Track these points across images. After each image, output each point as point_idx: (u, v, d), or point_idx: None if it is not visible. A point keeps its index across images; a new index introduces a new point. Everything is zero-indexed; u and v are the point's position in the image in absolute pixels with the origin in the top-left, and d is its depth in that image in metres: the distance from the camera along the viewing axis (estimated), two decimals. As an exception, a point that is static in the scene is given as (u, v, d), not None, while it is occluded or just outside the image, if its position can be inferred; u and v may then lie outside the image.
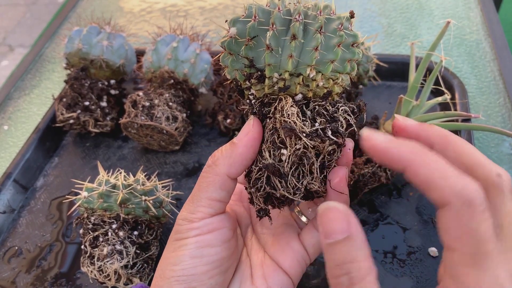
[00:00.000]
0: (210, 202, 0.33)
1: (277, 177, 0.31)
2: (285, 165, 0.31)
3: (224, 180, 0.33)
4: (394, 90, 0.64)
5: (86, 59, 0.60)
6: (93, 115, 0.60)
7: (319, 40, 0.30)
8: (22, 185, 0.57)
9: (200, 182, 0.34)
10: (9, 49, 2.22)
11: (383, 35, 0.75)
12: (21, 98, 0.72)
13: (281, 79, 0.31)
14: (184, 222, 0.34)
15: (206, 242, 0.33)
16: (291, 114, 0.31)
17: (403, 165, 0.27)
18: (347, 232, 0.27)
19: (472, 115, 0.48)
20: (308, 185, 0.31)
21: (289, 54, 0.30)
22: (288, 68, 0.31)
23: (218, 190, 0.33)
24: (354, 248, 0.27)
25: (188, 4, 0.89)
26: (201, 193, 0.34)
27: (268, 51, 0.30)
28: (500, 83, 0.64)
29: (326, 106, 0.32)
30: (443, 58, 0.44)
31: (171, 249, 0.34)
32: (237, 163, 0.32)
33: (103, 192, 0.44)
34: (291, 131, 0.30)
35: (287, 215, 0.40)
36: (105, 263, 0.42)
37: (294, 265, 0.37)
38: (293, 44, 0.30)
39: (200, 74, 0.60)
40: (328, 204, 0.28)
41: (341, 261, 0.27)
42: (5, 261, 0.51)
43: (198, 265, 0.33)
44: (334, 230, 0.27)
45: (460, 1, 0.80)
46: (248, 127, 0.32)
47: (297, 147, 0.31)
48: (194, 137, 0.62)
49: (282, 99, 0.32)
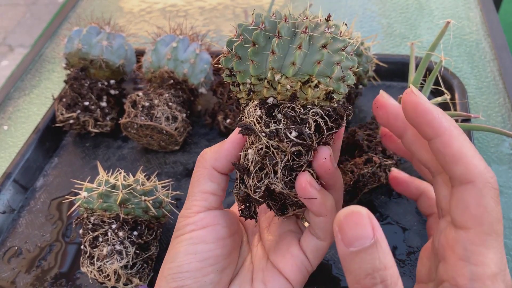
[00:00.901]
0: (203, 195, 0.35)
1: (245, 176, 0.33)
2: (250, 164, 0.32)
3: (212, 172, 0.35)
4: (394, 90, 0.64)
5: (85, 59, 0.60)
6: (93, 115, 0.60)
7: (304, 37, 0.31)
8: (22, 185, 0.57)
9: (192, 178, 0.36)
10: (9, 49, 2.22)
11: (383, 35, 0.75)
12: (21, 98, 0.72)
13: (250, 84, 0.33)
14: (182, 219, 0.35)
15: (201, 238, 0.34)
16: (253, 116, 0.32)
17: (439, 131, 0.27)
18: (373, 237, 0.25)
19: (472, 115, 0.48)
20: (270, 185, 0.31)
21: (250, 60, 0.32)
22: (253, 73, 0.32)
23: (208, 182, 0.35)
24: (383, 254, 0.25)
25: (187, 4, 0.89)
26: (194, 188, 0.35)
27: (236, 59, 0.33)
28: (500, 83, 0.64)
29: (295, 108, 0.32)
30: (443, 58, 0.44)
31: (171, 247, 0.35)
32: (222, 157, 0.35)
33: (102, 192, 0.44)
34: (250, 131, 0.32)
35: (293, 222, 0.40)
36: (105, 263, 0.42)
37: (294, 270, 0.36)
38: (251, 50, 0.32)
39: (199, 74, 0.60)
40: (350, 208, 0.26)
41: (372, 269, 0.25)
42: (5, 261, 0.51)
43: (193, 261, 0.33)
44: (358, 237, 0.25)
45: (460, 1, 0.79)
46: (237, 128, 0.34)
47: (259, 147, 0.32)
48: (194, 137, 0.62)
49: (249, 103, 0.34)
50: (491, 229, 0.26)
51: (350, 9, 0.82)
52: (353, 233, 0.25)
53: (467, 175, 0.27)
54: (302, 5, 0.85)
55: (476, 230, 0.26)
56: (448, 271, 0.27)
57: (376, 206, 0.51)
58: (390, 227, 0.49)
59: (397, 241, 0.47)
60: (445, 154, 0.27)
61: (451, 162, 0.27)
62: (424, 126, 0.28)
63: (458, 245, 0.27)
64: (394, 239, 0.48)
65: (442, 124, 0.28)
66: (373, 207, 0.50)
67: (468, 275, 0.26)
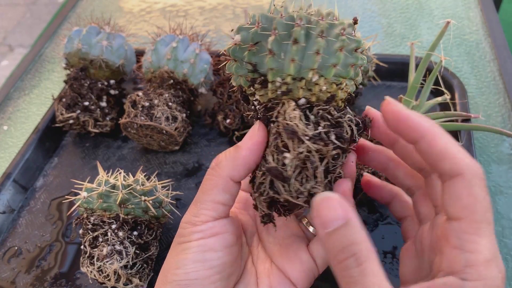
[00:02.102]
0: (214, 205, 0.33)
1: (280, 181, 0.31)
2: (288, 168, 0.31)
3: (227, 183, 0.33)
4: (394, 90, 0.64)
5: (85, 59, 0.60)
6: (92, 115, 0.60)
7: (320, 44, 0.30)
8: (22, 185, 0.57)
9: (203, 184, 0.34)
10: (9, 49, 2.22)
11: (383, 35, 0.75)
12: (20, 98, 0.72)
13: (283, 83, 0.31)
14: (188, 225, 0.33)
15: (209, 246, 0.33)
16: (294, 117, 0.31)
17: (421, 133, 0.29)
18: (345, 218, 0.28)
19: (472, 115, 0.48)
20: (312, 189, 0.31)
21: (291, 58, 0.30)
22: (291, 72, 0.31)
23: (222, 193, 0.33)
24: (355, 231, 0.28)
25: (187, 4, 0.89)
26: (204, 196, 0.33)
27: (270, 56, 0.31)
28: (500, 83, 0.64)
29: (330, 110, 0.32)
30: (442, 58, 0.44)
31: (174, 253, 0.34)
32: (240, 166, 0.32)
33: (102, 192, 0.44)
34: (293, 134, 0.30)
35: (295, 226, 0.39)
36: (105, 263, 0.42)
37: (302, 276, 0.36)
38: (295, 48, 0.30)
39: (199, 74, 0.60)
40: (321, 195, 0.29)
41: (345, 245, 0.28)
42: (5, 261, 0.51)
43: (201, 269, 0.32)
44: (331, 218, 0.28)
45: (460, 1, 0.79)
46: (253, 131, 0.32)
47: (300, 151, 0.30)
48: (194, 137, 0.62)
49: (285, 103, 0.32)
50: (483, 218, 0.28)
51: (350, 9, 0.82)
52: (327, 216, 0.28)
53: (456, 169, 0.28)
54: (302, 5, 0.84)
55: (468, 219, 0.28)
56: (444, 261, 0.29)
57: (376, 206, 0.51)
58: (390, 227, 0.49)
59: (397, 241, 0.47)
60: (432, 152, 0.29)
61: (439, 159, 0.29)
62: (408, 131, 0.30)
63: (452, 235, 0.28)
64: (394, 239, 0.48)
65: (423, 126, 0.29)
66: (373, 207, 0.50)
67: (463, 262, 0.27)
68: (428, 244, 0.32)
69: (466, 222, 0.28)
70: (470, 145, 0.51)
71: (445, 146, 0.29)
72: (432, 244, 0.32)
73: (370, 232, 0.48)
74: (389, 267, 0.45)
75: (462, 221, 0.28)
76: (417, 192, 0.36)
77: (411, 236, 0.36)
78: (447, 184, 0.29)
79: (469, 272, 0.27)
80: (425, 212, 0.34)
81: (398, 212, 0.39)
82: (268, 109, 0.33)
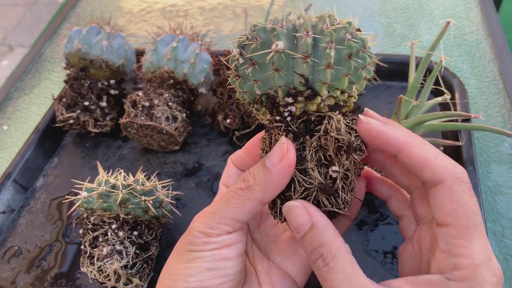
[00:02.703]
0: (234, 223, 0.33)
1: (325, 195, 0.31)
2: (338, 181, 0.31)
3: (256, 206, 0.32)
4: (394, 90, 0.64)
5: (85, 59, 0.60)
6: (92, 115, 0.60)
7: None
8: (22, 185, 0.57)
9: (228, 200, 0.32)
10: (9, 49, 2.22)
11: (383, 35, 0.75)
12: (20, 98, 0.72)
13: (331, 97, 0.31)
14: (201, 235, 0.33)
15: (224, 256, 0.33)
16: (345, 131, 0.31)
17: (398, 146, 0.30)
18: (309, 222, 0.30)
19: (472, 115, 0.48)
20: (349, 198, 0.33)
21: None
22: (342, 86, 0.31)
23: (246, 213, 0.32)
24: (321, 233, 0.30)
25: (187, 4, 0.89)
26: (226, 212, 0.32)
27: (329, 69, 0.30)
28: (500, 83, 0.64)
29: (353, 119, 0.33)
30: (443, 58, 0.44)
31: (183, 259, 0.33)
32: (272, 190, 0.31)
33: (102, 192, 0.44)
34: (349, 147, 0.31)
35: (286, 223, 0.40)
36: (105, 263, 0.42)
37: (301, 271, 0.37)
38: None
39: (199, 74, 0.60)
40: (287, 204, 0.31)
41: (313, 247, 0.30)
42: (5, 261, 0.51)
43: (215, 277, 0.32)
44: (300, 224, 0.30)
45: (460, 1, 0.79)
46: (282, 151, 0.31)
47: (345, 163, 0.31)
48: (194, 137, 0.62)
49: (333, 117, 0.31)
50: (468, 222, 0.28)
51: (350, 9, 0.82)
52: (295, 222, 0.31)
53: (436, 177, 0.29)
54: (302, 5, 0.85)
55: (454, 224, 0.28)
56: (434, 264, 0.29)
57: (376, 206, 0.51)
58: (390, 227, 0.49)
59: (397, 241, 0.47)
60: (411, 163, 0.30)
61: (419, 169, 0.30)
62: (385, 146, 0.31)
63: (441, 240, 0.29)
64: (394, 239, 0.48)
65: (398, 139, 0.30)
66: (373, 207, 0.50)
67: (450, 265, 0.28)
68: (426, 244, 0.32)
69: (452, 228, 0.28)
70: (470, 145, 0.51)
71: (423, 156, 0.29)
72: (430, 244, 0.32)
73: (370, 232, 0.48)
74: (389, 267, 0.45)
75: (449, 227, 0.29)
76: (414, 192, 0.36)
77: (408, 235, 0.36)
78: (430, 192, 0.30)
79: (455, 274, 0.28)
80: (423, 212, 0.34)
81: (396, 209, 0.39)
82: (308, 121, 0.32)
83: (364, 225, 0.49)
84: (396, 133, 0.30)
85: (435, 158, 0.29)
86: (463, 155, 0.50)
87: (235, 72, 0.32)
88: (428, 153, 0.29)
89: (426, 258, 0.32)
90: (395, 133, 0.30)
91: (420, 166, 0.29)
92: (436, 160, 0.29)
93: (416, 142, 0.30)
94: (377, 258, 0.46)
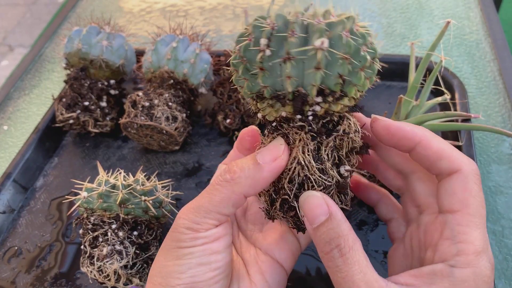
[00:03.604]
0: (219, 217, 0.33)
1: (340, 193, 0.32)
2: (348, 180, 0.32)
3: (240, 199, 0.32)
4: (394, 90, 0.64)
5: (85, 59, 0.60)
6: (92, 115, 0.60)
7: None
8: (22, 185, 0.57)
9: (212, 193, 0.32)
10: (9, 49, 2.22)
11: (383, 35, 0.75)
12: (20, 98, 0.72)
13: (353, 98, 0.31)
14: (188, 231, 0.33)
15: (213, 249, 0.33)
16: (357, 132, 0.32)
17: (416, 140, 0.31)
18: (327, 213, 0.30)
19: (472, 115, 0.48)
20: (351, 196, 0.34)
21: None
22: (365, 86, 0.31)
23: (230, 207, 0.32)
24: (338, 224, 0.30)
25: (187, 4, 0.89)
26: (211, 206, 0.32)
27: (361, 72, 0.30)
28: (500, 83, 0.64)
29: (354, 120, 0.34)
30: (443, 58, 0.44)
31: (172, 257, 0.33)
32: (258, 186, 0.32)
33: (102, 192, 0.44)
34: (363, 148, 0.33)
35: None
36: (105, 263, 0.42)
37: (289, 256, 0.38)
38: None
39: (199, 74, 0.60)
40: (307, 193, 0.31)
41: (329, 238, 0.30)
42: (5, 261, 0.51)
43: (207, 271, 0.32)
44: (317, 215, 0.30)
45: (460, 1, 0.79)
46: (277, 151, 0.31)
47: (353, 162, 0.33)
48: (194, 137, 0.62)
49: (350, 118, 0.32)
50: (476, 211, 0.29)
51: (350, 9, 0.81)
52: (312, 213, 0.31)
53: (453, 166, 0.30)
54: (302, 5, 0.84)
55: (463, 212, 0.29)
56: (436, 252, 0.30)
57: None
58: (390, 227, 0.49)
59: (397, 241, 0.47)
60: (428, 155, 0.31)
61: (436, 159, 0.31)
62: (403, 141, 0.32)
63: (446, 227, 0.30)
64: (394, 239, 0.48)
65: (416, 133, 0.31)
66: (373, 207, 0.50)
67: (454, 251, 0.29)
68: (417, 242, 0.33)
69: (460, 215, 0.29)
70: (470, 145, 0.51)
71: (440, 147, 0.31)
72: (420, 242, 0.33)
73: (370, 232, 0.48)
74: (389, 267, 0.45)
75: (457, 214, 0.30)
76: (406, 193, 0.37)
77: (397, 237, 0.37)
78: (443, 181, 0.31)
79: (458, 260, 0.28)
80: (414, 212, 0.35)
81: (384, 214, 0.40)
82: (328, 122, 0.32)
83: (364, 225, 0.49)
84: (413, 128, 0.32)
85: (451, 150, 0.31)
86: (463, 155, 0.50)
87: (259, 64, 0.30)
88: (444, 145, 0.31)
89: (417, 256, 0.33)
90: (412, 127, 0.32)
91: (438, 156, 0.31)
92: (453, 152, 0.31)
93: (432, 136, 0.31)
94: (377, 258, 0.46)
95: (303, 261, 0.47)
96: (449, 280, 0.28)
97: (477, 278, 0.28)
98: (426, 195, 0.34)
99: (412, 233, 0.35)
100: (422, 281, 0.29)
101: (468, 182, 0.30)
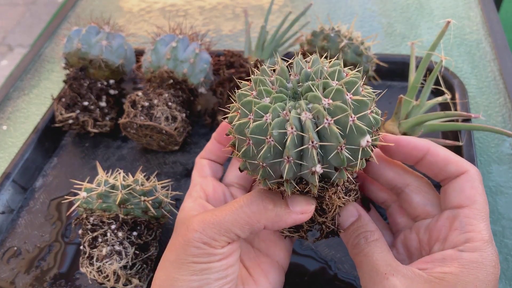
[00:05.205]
0: (236, 237, 0.33)
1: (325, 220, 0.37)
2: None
3: (260, 229, 0.33)
4: (394, 90, 0.64)
5: (85, 59, 0.60)
6: (92, 115, 0.60)
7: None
8: (21, 186, 0.57)
9: (238, 214, 0.33)
10: (8, 49, 2.22)
11: (383, 35, 0.75)
12: (20, 98, 0.72)
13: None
14: (205, 247, 0.32)
15: (229, 264, 0.34)
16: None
17: (425, 150, 0.36)
18: (357, 215, 0.37)
19: (472, 115, 0.47)
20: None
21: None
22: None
23: (248, 232, 0.33)
24: (365, 222, 0.36)
25: (187, 4, 0.88)
26: (233, 226, 0.32)
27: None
28: (500, 83, 0.64)
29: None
30: (443, 58, 0.44)
31: (188, 271, 0.32)
32: (278, 226, 0.33)
33: (102, 193, 0.44)
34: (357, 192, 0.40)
35: None
36: (104, 263, 0.42)
37: (287, 256, 0.40)
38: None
39: (199, 74, 0.60)
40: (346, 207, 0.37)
41: (359, 232, 0.35)
42: (4, 262, 0.51)
43: (224, 285, 0.33)
44: (347, 217, 0.37)
45: (460, 1, 0.79)
46: (308, 208, 0.33)
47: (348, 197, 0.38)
48: (194, 137, 0.62)
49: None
50: (482, 207, 0.33)
51: (350, 9, 0.81)
52: (345, 215, 0.37)
53: (460, 168, 0.34)
54: (302, 4, 0.84)
55: (471, 207, 0.33)
56: (446, 242, 0.33)
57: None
58: (390, 227, 0.49)
59: (397, 242, 0.47)
60: (437, 161, 0.35)
61: (444, 164, 0.35)
62: (412, 152, 0.36)
63: (455, 220, 0.33)
64: (395, 239, 0.47)
65: (424, 144, 0.36)
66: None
67: (463, 239, 0.32)
68: (416, 244, 0.37)
69: (468, 209, 0.33)
70: (470, 145, 0.51)
71: (446, 154, 0.35)
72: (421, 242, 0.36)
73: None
74: (390, 268, 0.45)
75: (465, 208, 0.33)
76: (392, 205, 0.41)
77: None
78: (451, 182, 0.35)
79: (467, 246, 0.31)
80: (403, 222, 0.40)
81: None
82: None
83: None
84: (420, 140, 0.36)
85: (455, 156, 0.35)
86: (463, 155, 0.50)
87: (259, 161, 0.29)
88: (448, 152, 0.35)
89: (418, 255, 0.36)
90: (419, 140, 0.36)
91: (445, 162, 0.35)
92: (457, 157, 0.35)
93: (436, 145, 0.36)
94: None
95: (303, 261, 0.47)
96: (458, 261, 0.31)
97: (485, 261, 0.31)
98: (423, 205, 0.37)
99: (406, 238, 0.38)
100: (433, 264, 0.32)
101: (475, 181, 0.34)
